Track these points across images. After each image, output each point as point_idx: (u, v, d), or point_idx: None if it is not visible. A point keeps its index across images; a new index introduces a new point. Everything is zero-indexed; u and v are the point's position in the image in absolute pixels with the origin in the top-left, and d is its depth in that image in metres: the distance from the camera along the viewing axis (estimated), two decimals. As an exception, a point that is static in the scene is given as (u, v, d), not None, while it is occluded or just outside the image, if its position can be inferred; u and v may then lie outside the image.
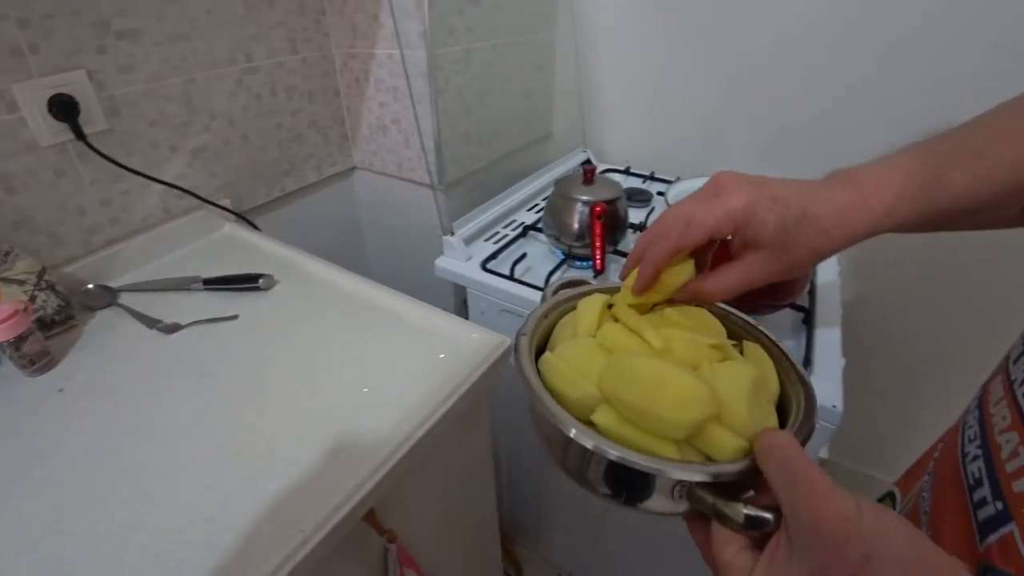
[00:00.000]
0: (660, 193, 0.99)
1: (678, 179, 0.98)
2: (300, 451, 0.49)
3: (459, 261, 0.80)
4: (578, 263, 0.78)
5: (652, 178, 1.08)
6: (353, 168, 1.12)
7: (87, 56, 0.70)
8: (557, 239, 0.77)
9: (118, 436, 0.51)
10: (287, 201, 1.04)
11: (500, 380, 0.60)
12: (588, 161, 1.15)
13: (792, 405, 0.33)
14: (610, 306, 0.39)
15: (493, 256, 0.81)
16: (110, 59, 0.72)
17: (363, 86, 1.00)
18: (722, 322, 0.38)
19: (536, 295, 0.73)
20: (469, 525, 0.77)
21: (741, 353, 0.36)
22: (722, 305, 0.40)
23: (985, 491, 0.30)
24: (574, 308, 0.40)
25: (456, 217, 0.89)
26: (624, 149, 1.18)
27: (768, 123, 1.01)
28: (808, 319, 0.67)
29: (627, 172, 1.11)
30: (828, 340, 0.65)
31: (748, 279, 0.36)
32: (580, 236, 0.75)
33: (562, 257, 0.79)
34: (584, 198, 0.74)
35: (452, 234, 0.81)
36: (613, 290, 0.41)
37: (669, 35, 1.03)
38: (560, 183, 0.78)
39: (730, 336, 0.38)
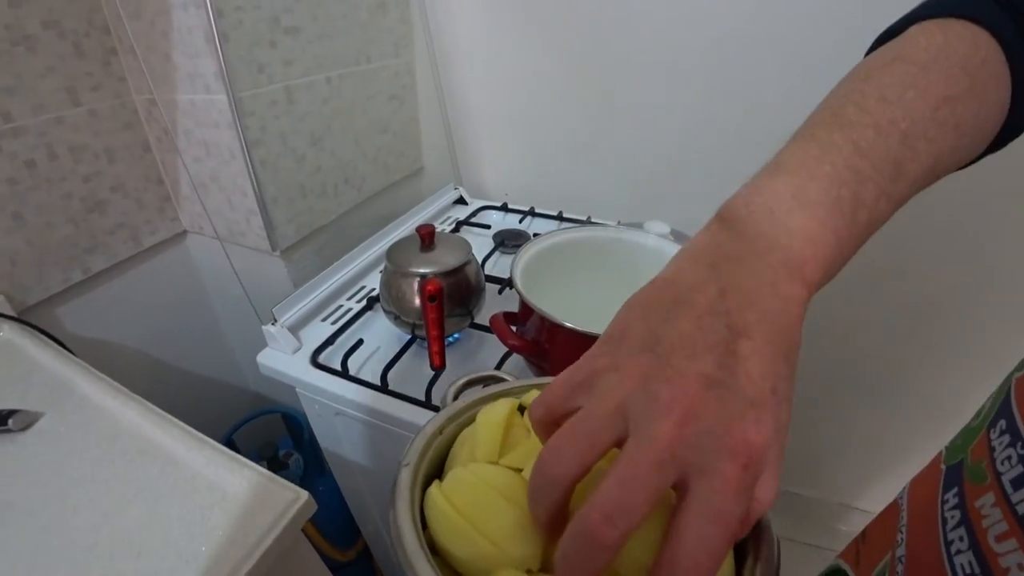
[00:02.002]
0: (538, 234, 0.87)
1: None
2: None
3: (284, 355, 0.65)
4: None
5: (532, 214, 0.96)
6: (184, 232, 0.95)
7: None
8: (397, 318, 0.63)
9: None
10: (99, 282, 0.86)
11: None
12: (461, 199, 1.02)
13: (749, 543, 0.25)
14: (522, 409, 0.31)
15: (329, 341, 0.67)
16: None
17: (172, 139, 0.83)
18: None
19: (374, 396, 0.59)
20: None
21: None
22: None
23: None
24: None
25: (294, 290, 0.74)
26: (502, 182, 1.06)
27: (644, 145, 0.91)
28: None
29: (504, 209, 0.98)
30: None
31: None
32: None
33: (408, 338, 0.66)
34: (421, 270, 0.61)
35: (274, 322, 0.66)
36: (532, 388, 0.33)
37: (531, 56, 0.91)
38: (393, 251, 0.64)
39: None
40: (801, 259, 0.23)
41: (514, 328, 0.57)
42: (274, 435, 1.04)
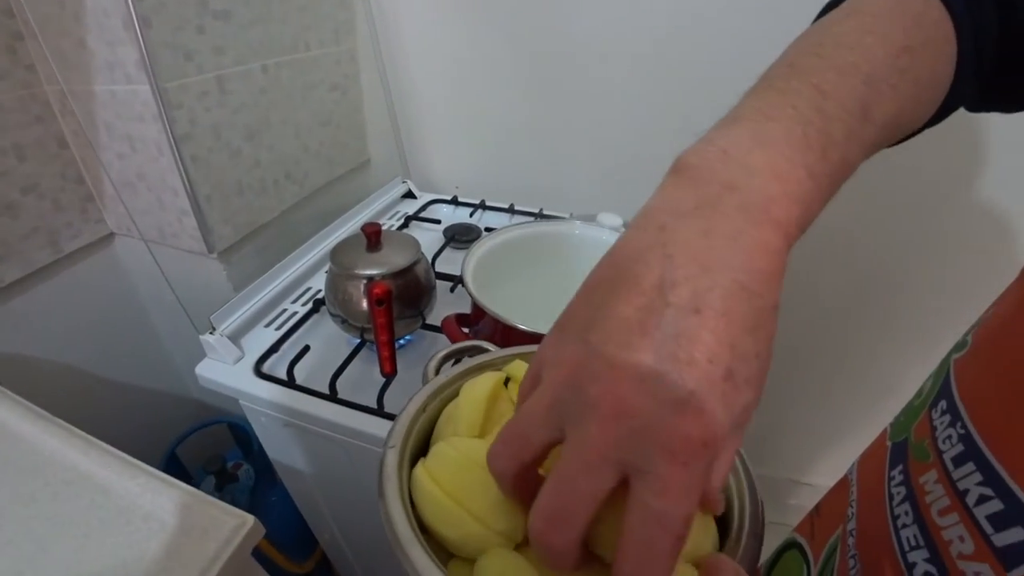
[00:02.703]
0: (489, 229, 0.85)
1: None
2: None
3: (225, 365, 0.62)
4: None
5: (483, 207, 0.94)
6: (111, 235, 0.88)
7: None
8: (344, 322, 0.61)
9: None
10: (14, 293, 0.79)
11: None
12: (410, 193, 0.99)
13: (734, 509, 0.26)
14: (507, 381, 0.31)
15: (274, 349, 0.63)
16: None
17: (91, 134, 0.77)
18: None
19: (323, 406, 0.56)
20: None
21: None
22: None
23: None
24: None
25: (233, 296, 0.69)
26: (452, 174, 1.03)
27: (596, 135, 0.90)
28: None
29: (455, 202, 0.96)
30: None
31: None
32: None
33: (356, 343, 0.63)
34: (368, 272, 0.58)
35: (213, 331, 0.62)
36: (515, 358, 0.32)
37: (479, 42, 0.89)
38: (337, 252, 0.61)
39: None
40: (766, 198, 0.20)
41: (466, 330, 0.55)
42: (221, 446, 0.99)
